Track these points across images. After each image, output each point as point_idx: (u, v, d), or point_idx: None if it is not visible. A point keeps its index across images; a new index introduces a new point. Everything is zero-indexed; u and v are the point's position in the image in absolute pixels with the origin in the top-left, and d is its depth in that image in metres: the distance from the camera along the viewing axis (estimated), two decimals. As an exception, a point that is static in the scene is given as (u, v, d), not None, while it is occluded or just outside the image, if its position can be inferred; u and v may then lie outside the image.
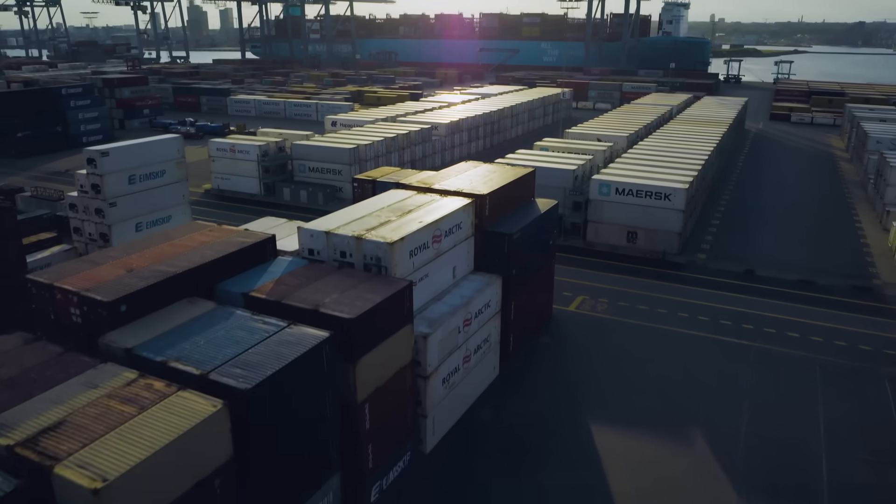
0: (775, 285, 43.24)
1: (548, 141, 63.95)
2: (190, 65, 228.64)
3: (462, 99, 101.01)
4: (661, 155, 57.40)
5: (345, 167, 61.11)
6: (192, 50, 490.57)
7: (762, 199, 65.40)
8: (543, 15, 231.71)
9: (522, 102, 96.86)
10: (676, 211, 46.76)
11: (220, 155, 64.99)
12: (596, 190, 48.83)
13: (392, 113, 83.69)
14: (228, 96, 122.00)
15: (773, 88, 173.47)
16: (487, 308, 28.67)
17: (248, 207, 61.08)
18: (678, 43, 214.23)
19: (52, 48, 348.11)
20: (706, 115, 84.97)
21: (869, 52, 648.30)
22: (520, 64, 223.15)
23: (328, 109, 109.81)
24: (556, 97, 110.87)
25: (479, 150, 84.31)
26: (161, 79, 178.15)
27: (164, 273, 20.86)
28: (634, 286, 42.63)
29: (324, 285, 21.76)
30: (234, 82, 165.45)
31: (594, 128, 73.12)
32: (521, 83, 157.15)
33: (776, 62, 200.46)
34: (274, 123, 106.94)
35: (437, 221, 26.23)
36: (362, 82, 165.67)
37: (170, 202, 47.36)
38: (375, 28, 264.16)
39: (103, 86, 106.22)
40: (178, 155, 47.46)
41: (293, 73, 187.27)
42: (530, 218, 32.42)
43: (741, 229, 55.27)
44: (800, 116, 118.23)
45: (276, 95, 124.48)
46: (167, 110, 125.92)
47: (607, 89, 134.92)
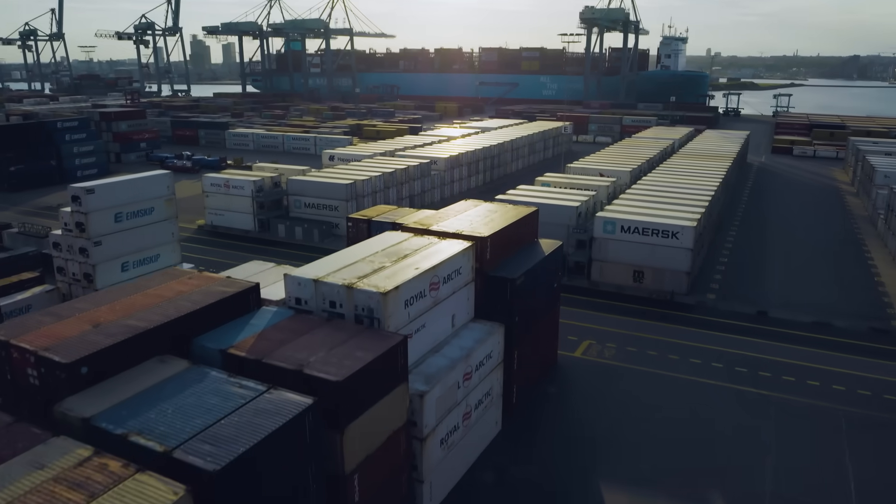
0: (790, 328, 41.23)
1: (549, 176, 62.51)
2: (190, 98, 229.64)
3: (462, 133, 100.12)
4: (666, 191, 55.85)
5: (341, 203, 59.54)
6: (194, 83, 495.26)
7: (770, 235, 63.69)
8: (542, 49, 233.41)
9: (522, 136, 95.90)
10: (685, 250, 44.98)
11: (214, 190, 63.50)
12: (600, 228, 47.11)
13: (391, 147, 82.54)
14: (227, 130, 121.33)
15: (774, 121, 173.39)
16: (489, 359, 26.66)
17: (241, 245, 59.36)
18: (677, 76, 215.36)
19: (55, 81, 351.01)
20: (709, 149, 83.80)
21: (864, 84, 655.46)
22: (519, 97, 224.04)
23: (327, 143, 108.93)
24: (556, 131, 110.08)
25: (479, 185, 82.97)
26: (161, 112, 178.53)
27: (133, 328, 18.93)
28: (642, 329, 40.61)
29: (310, 341, 19.82)
30: (233, 115, 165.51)
31: (596, 162, 71.80)
32: (520, 117, 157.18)
33: (775, 95, 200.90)
34: (272, 157, 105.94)
35: (435, 267, 24.39)
36: (362, 116, 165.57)
37: (158, 241, 45.60)
38: (375, 62, 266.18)
39: (100, 119, 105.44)
40: (168, 192, 45.87)
41: (293, 106, 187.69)
42: (534, 260, 30.60)
43: (751, 268, 53.41)
44: (802, 150, 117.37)
45: (274, 129, 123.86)
46: (165, 144, 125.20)
47: (607, 123, 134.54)
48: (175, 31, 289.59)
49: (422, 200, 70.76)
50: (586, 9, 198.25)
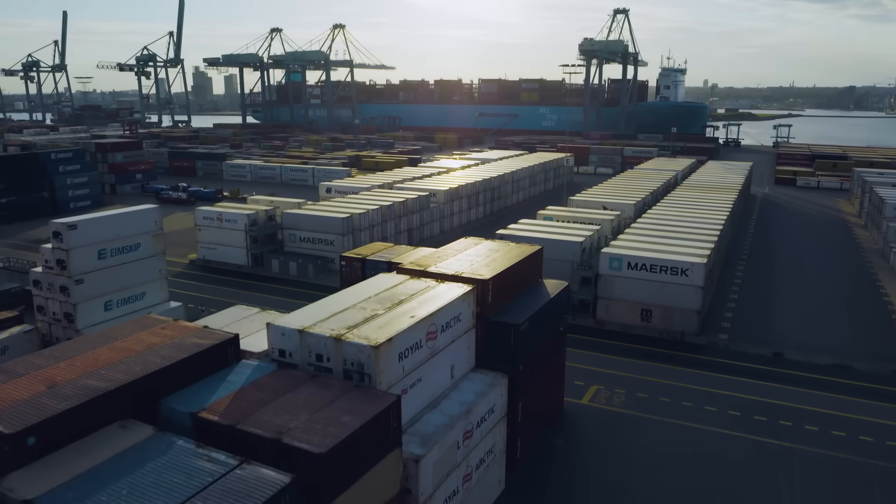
0: (808, 371, 39.03)
1: (551, 209, 60.80)
2: (190, 129, 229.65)
3: (461, 164, 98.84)
4: (672, 225, 54.04)
5: (337, 237, 57.70)
6: (195, 114, 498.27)
7: (780, 270, 61.71)
8: (542, 80, 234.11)
9: (523, 168, 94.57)
10: (695, 287, 42.98)
11: (207, 224, 61.72)
12: (606, 264, 45.17)
13: (389, 179, 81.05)
14: (224, 161, 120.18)
15: (775, 152, 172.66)
16: (492, 414, 24.49)
17: (233, 280, 57.34)
18: (676, 107, 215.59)
19: (56, 112, 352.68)
20: (713, 181, 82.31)
21: (861, 115, 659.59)
22: (519, 128, 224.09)
23: (325, 174, 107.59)
24: (557, 162, 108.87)
25: (479, 217, 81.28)
26: (160, 142, 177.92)
27: (92, 390, 16.85)
28: (653, 373, 38.39)
29: (292, 402, 17.72)
30: (232, 146, 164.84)
31: (599, 195, 70.18)
32: (520, 148, 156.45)
33: (775, 126, 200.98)
34: (270, 188, 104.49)
35: (433, 315, 22.37)
36: (361, 147, 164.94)
37: (144, 278, 43.61)
38: (375, 94, 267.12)
39: (96, 150, 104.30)
40: (155, 227, 44.02)
41: (292, 137, 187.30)
42: (539, 304, 28.59)
43: (762, 305, 51.31)
44: (805, 181, 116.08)
45: (272, 160, 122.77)
46: (162, 175, 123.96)
47: (608, 154, 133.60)
48: (176, 62, 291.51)
49: (420, 234, 68.99)
50: (585, 40, 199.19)
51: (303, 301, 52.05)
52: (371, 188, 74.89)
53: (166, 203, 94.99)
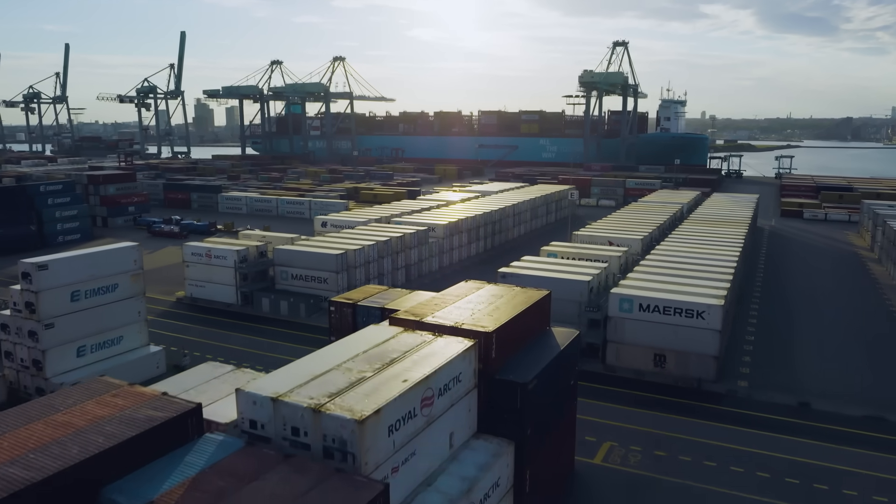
0: (838, 423, 35.90)
1: (555, 245, 58.13)
2: (189, 160, 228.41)
3: (461, 197, 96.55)
4: (684, 262, 51.27)
5: (331, 275, 54.91)
6: (196, 145, 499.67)
7: (796, 308, 58.76)
8: (542, 112, 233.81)
9: (524, 201, 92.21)
10: (712, 331, 40.05)
11: (195, 260, 58.98)
12: (616, 305, 42.30)
13: (387, 213, 78.56)
14: (219, 193, 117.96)
15: (778, 183, 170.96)
16: (496, 488, 21.41)
17: (220, 321, 54.32)
18: (677, 139, 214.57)
19: (57, 143, 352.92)
20: (721, 214, 79.83)
21: (859, 145, 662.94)
22: (519, 160, 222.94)
23: (322, 207, 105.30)
24: (558, 195, 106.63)
25: (480, 252, 78.60)
26: (157, 174, 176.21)
27: (9, 484, 13.83)
28: (670, 426, 35.25)
29: (256, 494, 14.72)
30: (230, 178, 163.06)
31: (604, 229, 67.60)
32: (521, 180, 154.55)
33: (777, 157, 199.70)
34: (265, 221, 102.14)
35: (429, 378, 19.47)
36: (360, 178, 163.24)
37: (122, 320, 40.71)
38: (375, 125, 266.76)
39: (88, 182, 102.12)
40: (135, 266, 41.27)
41: (291, 168, 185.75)
42: (548, 357, 25.67)
43: (781, 347, 48.29)
44: (812, 213, 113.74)
45: (268, 192, 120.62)
46: (157, 207, 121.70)
47: (610, 186, 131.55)
48: (177, 94, 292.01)
49: (419, 270, 66.24)
50: (585, 72, 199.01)
51: (293, 344, 49.56)
52: (368, 222, 72.34)
53: (158, 236, 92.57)
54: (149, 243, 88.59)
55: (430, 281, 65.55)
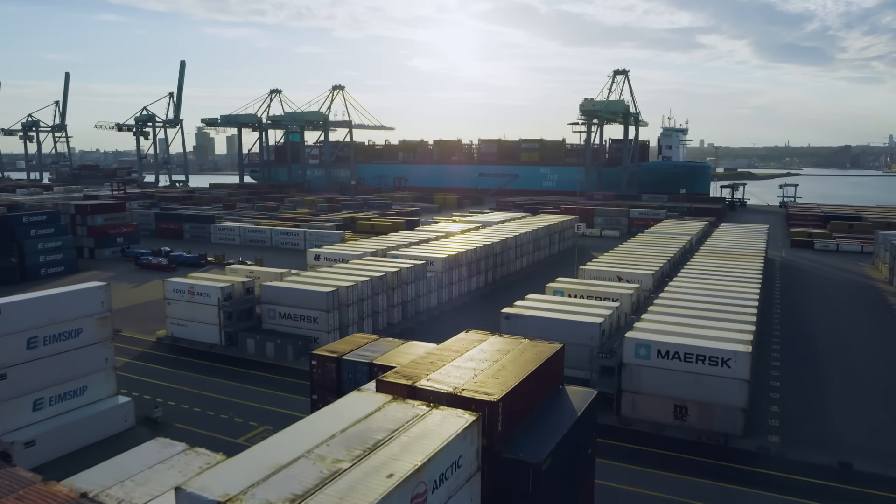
0: (887, 488, 31.82)
1: (562, 282, 54.44)
2: (186, 188, 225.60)
3: (461, 227, 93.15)
4: (701, 301, 47.55)
5: (321, 314, 51.11)
6: (196, 174, 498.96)
7: (821, 349, 54.84)
8: (542, 141, 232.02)
9: (526, 232, 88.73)
10: (739, 381, 36.17)
11: (177, 297, 55.23)
12: (632, 351, 38.45)
13: (383, 245, 75.05)
14: (212, 223, 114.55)
15: (783, 212, 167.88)
16: None
17: (202, 364, 50.39)
18: (679, 167, 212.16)
19: (55, 172, 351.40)
20: (732, 246, 76.33)
21: (859, 173, 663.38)
22: (519, 188, 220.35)
23: (317, 238, 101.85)
24: (561, 225, 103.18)
25: (481, 286, 74.88)
26: (153, 203, 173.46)
27: None
28: (699, 493, 31.16)
29: None
30: (225, 207, 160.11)
31: (612, 263, 64.03)
32: (522, 209, 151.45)
33: (781, 186, 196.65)
34: (258, 253, 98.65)
35: (421, 470, 15.62)
36: (357, 208, 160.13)
37: (86, 369, 36.87)
38: (374, 154, 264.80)
39: (75, 212, 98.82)
40: (102, 308, 37.54)
41: (288, 197, 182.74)
42: (564, 426, 21.81)
43: (811, 394, 44.33)
44: (824, 243, 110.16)
45: (262, 223, 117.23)
46: (148, 238, 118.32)
47: (614, 215, 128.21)
48: (176, 123, 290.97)
49: (416, 306, 62.47)
50: (586, 101, 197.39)
51: (278, 391, 45.32)
52: (363, 255, 68.78)
53: (145, 269, 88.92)
54: (135, 276, 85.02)
55: (427, 319, 61.79)
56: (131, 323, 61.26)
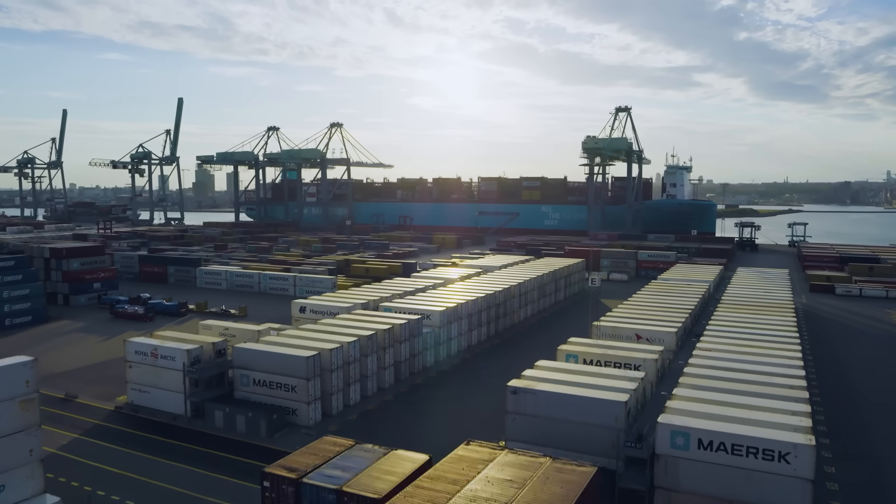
0: None
1: (575, 344, 47.93)
2: (180, 227, 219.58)
3: (460, 274, 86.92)
4: (739, 368, 41.04)
5: (300, 382, 44.55)
6: (194, 210, 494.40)
7: (871, 417, 48.16)
8: (543, 179, 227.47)
9: (531, 279, 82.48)
10: (801, 480, 29.50)
11: (139, 360, 48.80)
12: (667, 440, 31.81)
13: (376, 295, 68.82)
14: (198, 267, 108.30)
15: (794, 252, 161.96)
16: None
17: (162, 441, 43.62)
18: (684, 206, 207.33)
19: (50, 209, 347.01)
20: (757, 296, 70.03)
21: (859, 209, 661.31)
22: (520, 227, 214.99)
23: (307, 284, 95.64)
24: (567, 269, 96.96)
25: (482, 340, 68.40)
26: (143, 242, 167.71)
27: None
28: None
29: None
30: (217, 248, 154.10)
31: (627, 318, 57.66)
32: (524, 250, 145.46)
33: (790, 224, 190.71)
34: (245, 299, 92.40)
35: None
36: (353, 248, 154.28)
37: (4, 464, 30.26)
38: (372, 191, 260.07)
39: (50, 256, 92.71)
40: (27, 389, 31.04)
41: (282, 237, 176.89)
42: None
43: (879, 485, 37.52)
44: (845, 288, 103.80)
45: (251, 266, 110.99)
46: (131, 282, 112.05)
47: (621, 258, 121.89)
48: (172, 160, 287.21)
49: (410, 366, 55.92)
50: (588, 138, 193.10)
51: (242, 481, 37.46)
52: (353, 307, 62.52)
53: (121, 318, 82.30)
54: (108, 327, 78.41)
55: (422, 382, 55.21)
56: (91, 386, 54.69)
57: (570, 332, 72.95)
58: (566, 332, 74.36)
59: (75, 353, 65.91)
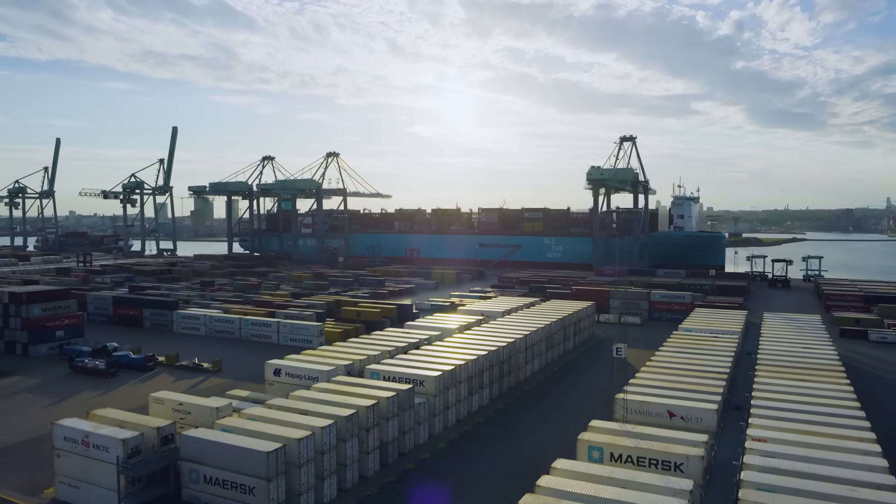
0: None
1: (598, 432, 39.38)
2: (169, 259, 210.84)
3: (459, 322, 78.46)
4: (810, 472, 32.51)
5: (260, 483, 35.92)
6: (192, 240, 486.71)
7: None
8: (546, 210, 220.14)
9: (539, 329, 74.00)
10: None
11: (69, 448, 40.24)
12: None
13: (363, 353, 60.42)
14: (175, 310, 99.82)
15: (813, 288, 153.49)
16: None
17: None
18: (692, 238, 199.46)
19: (41, 239, 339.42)
20: (797, 353, 61.62)
21: (863, 238, 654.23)
22: (522, 260, 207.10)
23: (291, 331, 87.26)
24: (577, 315, 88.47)
25: (484, 405, 59.79)
26: (128, 277, 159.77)
27: None
28: None
29: None
30: (204, 284, 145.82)
31: (656, 387, 49.18)
32: (528, 287, 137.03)
33: (804, 258, 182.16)
34: (223, 348, 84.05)
35: None
36: (347, 285, 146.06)
37: None
38: (370, 222, 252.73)
39: (9, 301, 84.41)
40: None
41: (273, 272, 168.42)
42: None
43: None
44: (880, 334, 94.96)
45: (233, 310, 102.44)
46: (104, 326, 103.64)
47: (632, 298, 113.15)
48: (165, 189, 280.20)
49: (399, 446, 47.27)
50: (593, 169, 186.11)
51: None
52: (335, 370, 54.09)
53: (80, 374, 73.51)
54: (63, 385, 69.57)
55: (415, 466, 46.36)
56: (18, 471, 45.82)
57: (585, 396, 64.41)
58: (581, 395, 65.78)
59: (13, 423, 57.06)
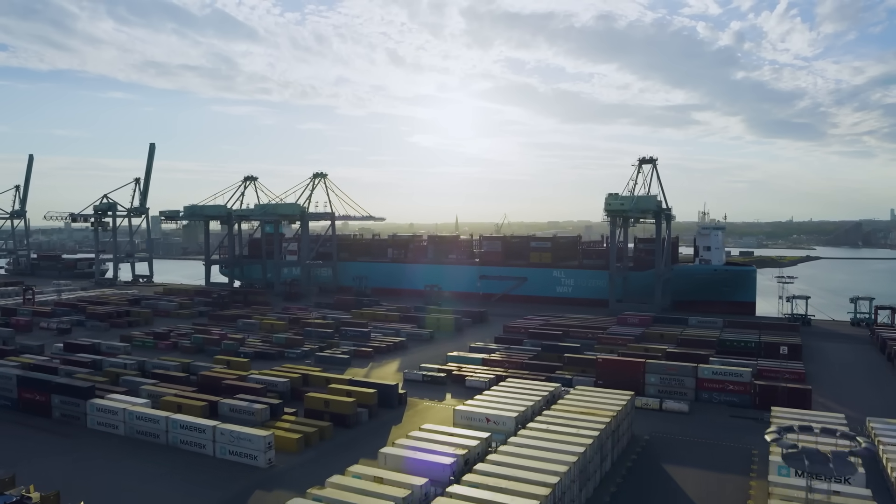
0: None
1: None
2: (132, 297, 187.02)
3: (458, 448, 55.93)
4: None
5: None
6: (180, 257, 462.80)
7: None
8: (555, 238, 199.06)
9: (568, 465, 51.46)
10: None
11: None
12: None
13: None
14: (89, 399, 77.27)
15: (870, 338, 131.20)
16: None
17: None
18: (720, 273, 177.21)
19: (13, 262, 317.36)
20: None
21: (877, 255, 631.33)
22: (528, 294, 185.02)
23: (231, 442, 64.91)
24: (615, 420, 65.77)
25: None
26: (78, 321, 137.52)
27: None
28: None
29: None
30: (157, 336, 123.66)
31: None
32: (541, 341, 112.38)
33: (852, 300, 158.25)
34: (144, 460, 62.04)
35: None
36: (326, 339, 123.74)
37: None
38: (360, 249, 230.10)
39: None
40: None
41: (243, 318, 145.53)
42: None
43: None
44: None
45: (166, 397, 79.75)
46: (8, 412, 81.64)
47: (675, 374, 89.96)
48: (141, 211, 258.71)
49: None
50: (610, 196, 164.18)
51: None
52: None
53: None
54: None
55: None
56: None
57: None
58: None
59: None
